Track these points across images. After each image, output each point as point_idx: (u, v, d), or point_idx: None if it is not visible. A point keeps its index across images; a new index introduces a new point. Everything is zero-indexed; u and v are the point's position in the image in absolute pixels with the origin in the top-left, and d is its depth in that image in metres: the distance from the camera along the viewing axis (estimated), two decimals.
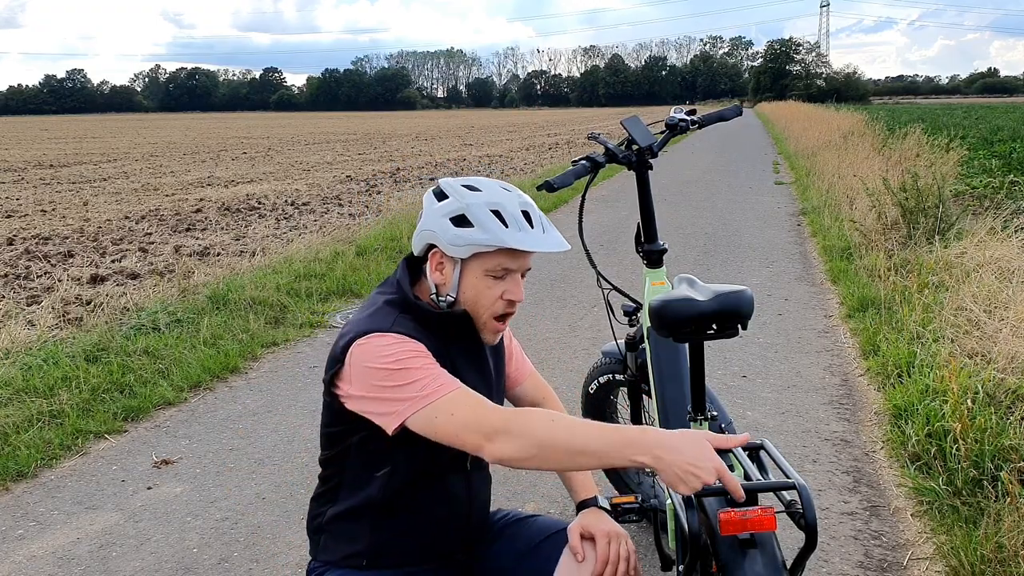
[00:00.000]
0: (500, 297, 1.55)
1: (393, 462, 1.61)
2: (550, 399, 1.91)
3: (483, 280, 1.54)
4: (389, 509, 1.64)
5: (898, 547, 2.66)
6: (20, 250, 7.84)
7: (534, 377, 1.93)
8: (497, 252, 1.52)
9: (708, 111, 2.51)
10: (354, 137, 33.08)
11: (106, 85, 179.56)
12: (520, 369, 1.89)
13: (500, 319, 1.59)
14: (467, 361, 1.63)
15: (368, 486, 1.63)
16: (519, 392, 1.90)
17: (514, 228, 1.50)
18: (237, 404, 3.96)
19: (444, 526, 1.67)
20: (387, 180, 14.66)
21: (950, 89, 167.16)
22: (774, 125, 34.40)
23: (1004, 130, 21.37)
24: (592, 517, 1.65)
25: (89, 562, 2.61)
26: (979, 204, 8.17)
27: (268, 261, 6.92)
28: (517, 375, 1.89)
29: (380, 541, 1.64)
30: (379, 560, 1.65)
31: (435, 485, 1.64)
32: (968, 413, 3.09)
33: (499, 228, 1.50)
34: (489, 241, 1.49)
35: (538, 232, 1.53)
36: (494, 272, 1.53)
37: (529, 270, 1.61)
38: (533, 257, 1.60)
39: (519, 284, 1.56)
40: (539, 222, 1.54)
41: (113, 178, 15.80)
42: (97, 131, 44.82)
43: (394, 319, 1.53)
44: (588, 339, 4.91)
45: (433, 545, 1.68)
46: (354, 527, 1.65)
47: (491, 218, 1.50)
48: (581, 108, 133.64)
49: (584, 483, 1.75)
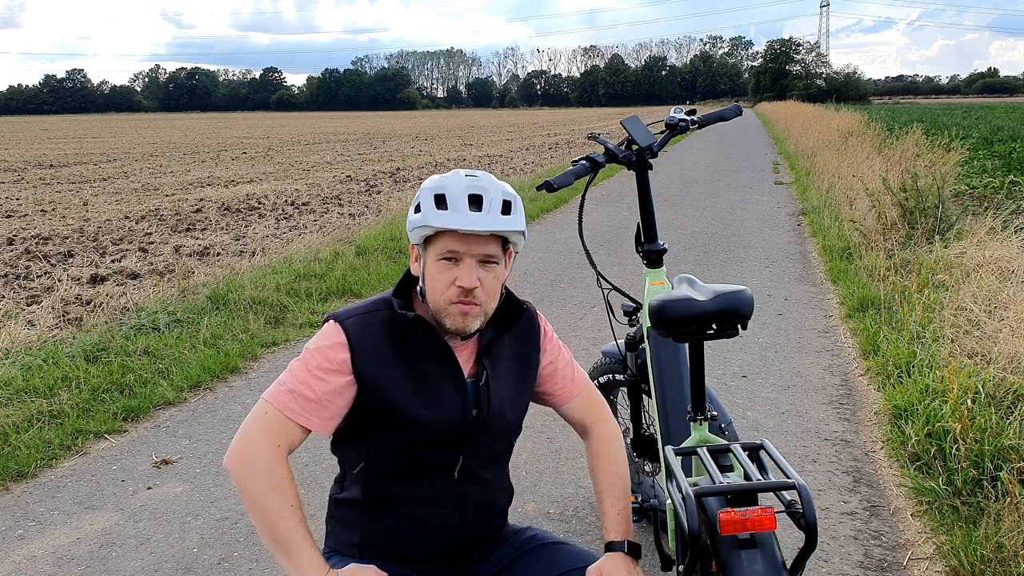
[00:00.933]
0: (452, 283, 1.54)
1: (365, 458, 1.64)
2: (596, 424, 1.82)
3: (436, 265, 1.55)
4: (377, 506, 1.65)
5: (898, 547, 2.66)
6: (20, 250, 7.84)
7: (584, 399, 1.83)
8: (441, 235, 1.53)
9: (708, 111, 2.51)
10: (354, 137, 33.08)
11: (106, 85, 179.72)
12: (566, 388, 1.81)
13: (461, 304, 1.55)
14: (430, 361, 1.61)
15: (355, 480, 1.66)
16: (567, 411, 1.83)
17: (448, 210, 1.50)
18: (237, 404, 3.96)
19: (433, 531, 1.65)
20: (387, 180, 14.65)
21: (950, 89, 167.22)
22: (774, 125, 34.41)
23: (1004, 130, 21.38)
24: (612, 563, 1.62)
25: (89, 562, 2.61)
26: (979, 204, 8.17)
27: (268, 261, 6.92)
28: (563, 394, 1.81)
29: (371, 536, 1.66)
30: (370, 553, 1.66)
31: (417, 487, 1.63)
32: (968, 413, 3.09)
33: (430, 210, 1.52)
34: (419, 222, 1.53)
35: (476, 214, 1.50)
36: (443, 255, 1.54)
37: (491, 259, 1.55)
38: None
39: (470, 270, 1.53)
40: (489, 206, 1.52)
41: (113, 178, 15.80)
42: (97, 131, 44.82)
43: (359, 312, 1.62)
44: (588, 339, 4.91)
45: (424, 548, 1.66)
46: (352, 517, 1.68)
47: (430, 201, 1.52)
48: (581, 108, 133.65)
49: (616, 523, 1.70)
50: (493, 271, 1.57)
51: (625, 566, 1.62)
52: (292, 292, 5.81)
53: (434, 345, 1.61)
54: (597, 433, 1.82)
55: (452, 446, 1.63)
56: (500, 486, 1.78)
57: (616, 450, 1.81)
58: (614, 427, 1.84)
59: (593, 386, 1.87)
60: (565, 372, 1.81)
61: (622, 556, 1.64)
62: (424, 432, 1.59)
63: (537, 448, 3.41)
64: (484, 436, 1.66)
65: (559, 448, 3.40)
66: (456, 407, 1.61)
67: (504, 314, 1.68)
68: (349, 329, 1.58)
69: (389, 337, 1.59)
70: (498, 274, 1.58)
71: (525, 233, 1.63)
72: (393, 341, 1.59)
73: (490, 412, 1.64)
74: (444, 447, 1.62)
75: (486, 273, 1.56)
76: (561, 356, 1.82)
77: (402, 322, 1.61)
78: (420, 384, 1.59)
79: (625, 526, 1.70)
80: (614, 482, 1.75)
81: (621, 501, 1.73)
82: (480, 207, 1.51)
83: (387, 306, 1.63)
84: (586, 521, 2.82)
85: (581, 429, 1.85)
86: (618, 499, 1.73)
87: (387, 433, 1.59)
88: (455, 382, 1.62)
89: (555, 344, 1.81)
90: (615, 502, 1.72)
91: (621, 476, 1.77)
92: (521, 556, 1.74)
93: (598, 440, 1.81)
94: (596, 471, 1.78)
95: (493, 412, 1.65)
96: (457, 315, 1.55)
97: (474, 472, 1.67)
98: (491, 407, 1.64)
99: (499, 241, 1.56)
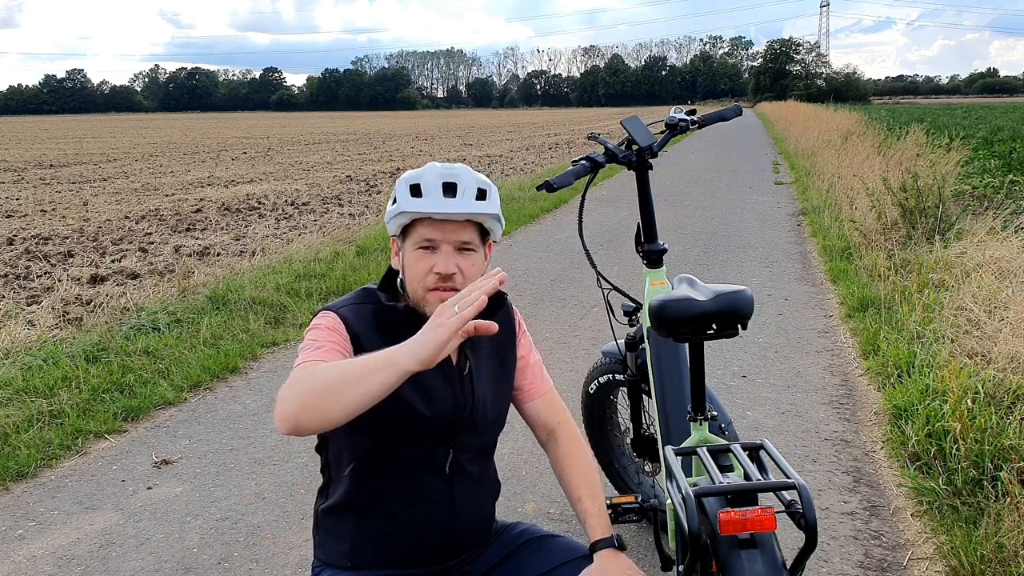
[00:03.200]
0: (430, 270, 1.56)
1: (356, 457, 1.62)
2: (564, 424, 1.83)
3: (414, 254, 1.58)
4: (367, 508, 1.64)
5: (898, 547, 2.66)
6: (20, 250, 7.84)
7: (549, 398, 1.85)
8: (418, 223, 1.57)
9: (708, 111, 2.51)
10: (354, 137, 33.08)
11: (106, 85, 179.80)
12: (535, 385, 1.83)
13: (439, 292, 1.56)
14: None
15: (344, 483, 1.64)
16: (530, 408, 1.84)
17: (423, 197, 1.54)
18: (237, 404, 3.96)
19: (424, 530, 1.64)
20: (387, 180, 14.65)
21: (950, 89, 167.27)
22: (774, 125, 34.40)
23: (1004, 130, 21.38)
24: (608, 565, 1.62)
25: (89, 562, 2.61)
26: (979, 204, 8.17)
27: (268, 261, 6.92)
28: (531, 389, 1.83)
29: (361, 541, 1.64)
30: (361, 560, 1.64)
31: (408, 485, 1.63)
32: (968, 413, 3.09)
33: (405, 198, 1.55)
34: (396, 210, 1.56)
35: (449, 199, 1.53)
36: (420, 243, 1.57)
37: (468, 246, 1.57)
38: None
39: (448, 256, 1.56)
40: (463, 192, 1.54)
41: (113, 178, 15.80)
42: (97, 131, 44.82)
43: (349, 303, 1.63)
44: (588, 339, 4.91)
45: (415, 549, 1.65)
46: (340, 525, 1.66)
47: (405, 191, 1.55)
48: (581, 108, 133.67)
49: (599, 520, 1.70)
50: (471, 258, 1.59)
51: (628, 565, 1.63)
52: (292, 292, 5.81)
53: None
54: (565, 433, 1.83)
55: (443, 440, 1.63)
56: (488, 482, 1.78)
57: (586, 448, 1.85)
58: (577, 429, 1.87)
59: (555, 391, 1.89)
60: (535, 368, 1.85)
61: (613, 553, 1.64)
62: (416, 424, 1.58)
63: (537, 448, 3.39)
64: (472, 427, 1.66)
65: None
66: (447, 398, 1.62)
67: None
68: (346, 317, 1.60)
69: (379, 329, 1.60)
70: (476, 261, 1.60)
71: (502, 219, 1.64)
72: (383, 333, 1.59)
73: (475, 402, 1.65)
74: (435, 441, 1.63)
75: (464, 260, 1.58)
76: (532, 352, 1.85)
77: (390, 314, 1.62)
78: (413, 376, 1.59)
79: (607, 521, 1.72)
80: (591, 478, 1.78)
81: (600, 497, 1.75)
82: (455, 194, 1.54)
83: (372, 299, 1.64)
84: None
85: (546, 430, 1.84)
86: (597, 495, 1.75)
87: (380, 426, 1.59)
88: (445, 373, 1.62)
89: (528, 339, 1.85)
90: (595, 497, 1.74)
91: (595, 472, 1.81)
92: (514, 552, 1.74)
93: (568, 439, 1.82)
94: (570, 471, 1.78)
95: (478, 402, 1.66)
96: (436, 303, 1.55)
97: (464, 467, 1.67)
98: (476, 396, 1.65)
99: (475, 228, 1.59)
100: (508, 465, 3.20)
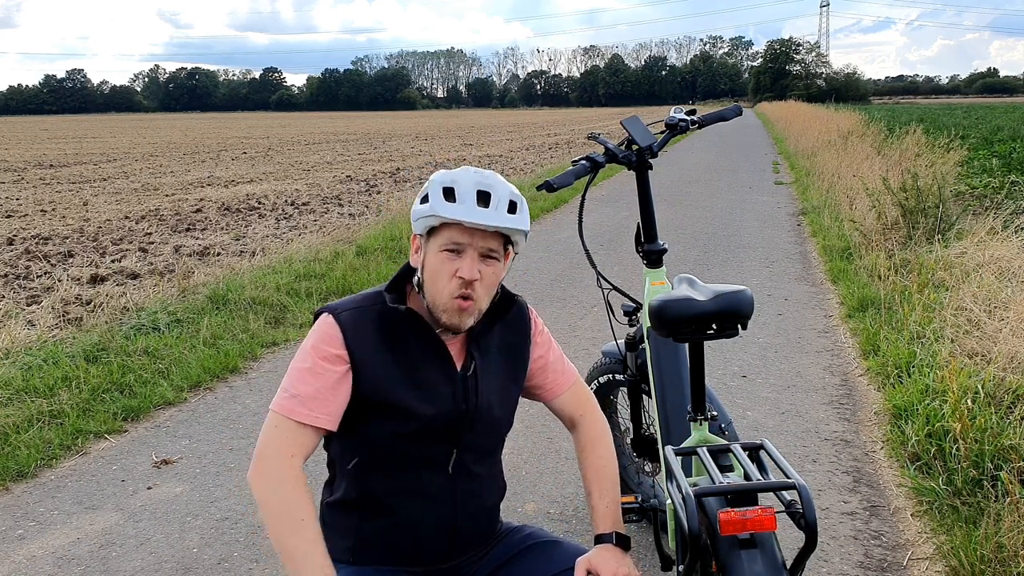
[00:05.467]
0: (454, 275, 1.56)
1: (359, 453, 1.63)
2: (585, 417, 1.84)
3: (438, 256, 1.57)
4: (369, 505, 1.64)
5: (898, 547, 2.66)
6: (20, 250, 7.84)
7: (575, 391, 1.85)
8: (446, 226, 1.55)
9: (708, 111, 2.51)
10: (354, 137, 33.08)
11: (106, 85, 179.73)
12: (558, 381, 1.83)
13: (460, 300, 1.56)
14: (423, 354, 1.62)
15: (348, 479, 1.65)
16: (556, 405, 1.84)
17: (456, 203, 1.53)
18: (237, 404, 3.96)
19: (424, 528, 1.65)
20: (387, 180, 14.66)
21: (950, 89, 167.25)
22: (774, 125, 34.40)
23: (1004, 130, 21.37)
24: (602, 555, 1.63)
25: (89, 562, 2.61)
26: (979, 204, 8.17)
27: (268, 261, 6.92)
28: (553, 388, 1.83)
29: (364, 537, 1.65)
30: (363, 556, 1.65)
31: (410, 483, 1.63)
32: (968, 413, 3.09)
33: (439, 201, 1.54)
34: (427, 212, 1.55)
35: (483, 210, 1.53)
36: (447, 246, 1.56)
37: (492, 254, 1.58)
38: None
39: (473, 262, 1.55)
40: (497, 204, 1.55)
41: (113, 178, 15.79)
42: (97, 131, 44.81)
43: (352, 306, 1.62)
44: (588, 339, 4.91)
45: (415, 546, 1.65)
46: (344, 520, 1.67)
47: (439, 193, 1.54)
48: (581, 108, 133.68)
49: (604, 515, 1.71)
50: (493, 267, 1.59)
51: (613, 557, 1.63)
52: (292, 292, 5.81)
53: (426, 338, 1.62)
54: (586, 427, 1.83)
55: (445, 439, 1.63)
56: (493, 483, 1.77)
57: (605, 443, 1.82)
58: (603, 421, 1.86)
59: (582, 380, 1.88)
60: (556, 366, 1.83)
61: (611, 547, 1.66)
62: (418, 424, 1.59)
63: (537, 448, 3.41)
64: (474, 427, 1.66)
65: (559, 448, 3.40)
66: (448, 398, 1.62)
67: (494, 306, 1.69)
68: (344, 322, 1.59)
69: (382, 331, 1.60)
70: (497, 271, 1.60)
71: (528, 234, 1.64)
72: (385, 334, 1.60)
73: (478, 402, 1.65)
74: (437, 440, 1.63)
75: (486, 268, 1.58)
76: (552, 350, 1.83)
77: (394, 316, 1.62)
78: (413, 376, 1.60)
79: (613, 518, 1.72)
80: (603, 474, 1.77)
81: (610, 493, 1.74)
82: (488, 204, 1.54)
83: (379, 301, 1.64)
84: (586, 521, 2.81)
85: (570, 423, 1.86)
86: (607, 491, 1.74)
87: (382, 425, 1.59)
88: (447, 374, 1.63)
89: (546, 337, 1.83)
90: (603, 494, 1.74)
91: (610, 469, 1.78)
92: (517, 556, 1.74)
93: (587, 433, 1.82)
94: (585, 464, 1.79)
95: (481, 402, 1.66)
96: (454, 311, 1.57)
97: (468, 467, 1.67)
98: (479, 397, 1.65)
99: (502, 238, 1.59)
100: (508, 465, 3.19)
